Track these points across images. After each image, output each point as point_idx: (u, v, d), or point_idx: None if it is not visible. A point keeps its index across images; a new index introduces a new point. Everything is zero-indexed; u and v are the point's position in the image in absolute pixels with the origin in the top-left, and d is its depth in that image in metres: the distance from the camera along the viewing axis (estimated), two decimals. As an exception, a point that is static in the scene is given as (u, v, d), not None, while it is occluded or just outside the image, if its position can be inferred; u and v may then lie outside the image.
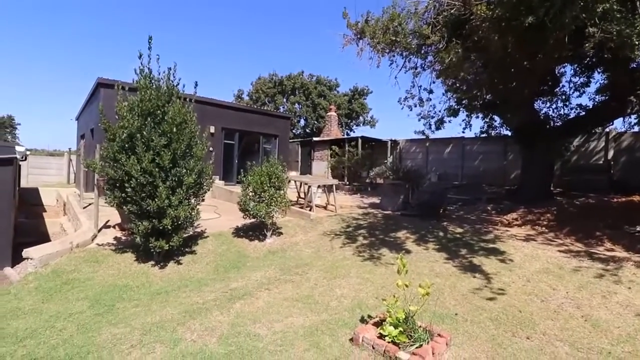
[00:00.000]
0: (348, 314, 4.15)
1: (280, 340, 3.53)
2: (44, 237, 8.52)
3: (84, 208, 9.54)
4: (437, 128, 12.13)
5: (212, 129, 14.34)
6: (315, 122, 33.22)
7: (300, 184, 10.78)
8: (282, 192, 7.41)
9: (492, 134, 13.92)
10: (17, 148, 6.71)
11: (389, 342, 3.31)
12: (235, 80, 72.28)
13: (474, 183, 15.21)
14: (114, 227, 7.82)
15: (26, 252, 5.76)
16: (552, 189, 11.76)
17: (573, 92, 11.94)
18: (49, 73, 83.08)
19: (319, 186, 10.01)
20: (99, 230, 7.39)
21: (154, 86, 5.88)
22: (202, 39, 73.27)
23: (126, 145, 5.57)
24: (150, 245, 5.66)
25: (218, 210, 10.33)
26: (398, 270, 3.51)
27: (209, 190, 6.69)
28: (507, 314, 4.16)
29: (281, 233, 7.88)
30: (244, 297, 4.60)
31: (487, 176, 15.68)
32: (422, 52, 10.20)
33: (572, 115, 12.20)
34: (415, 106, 11.77)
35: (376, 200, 12.41)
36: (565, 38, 6.31)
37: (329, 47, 60.90)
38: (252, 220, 7.63)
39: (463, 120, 12.81)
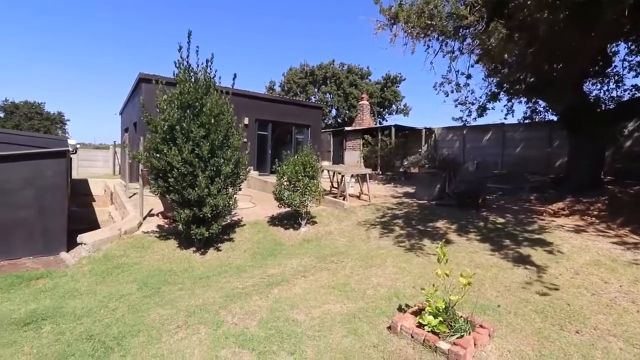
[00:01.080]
0: (385, 303, 4.12)
1: (318, 325, 3.58)
2: (94, 225, 9.14)
3: (129, 197, 10.10)
4: (480, 115, 11.62)
5: (246, 121, 14.61)
6: (347, 111, 32.93)
7: (334, 173, 10.77)
8: (316, 181, 7.45)
9: (536, 119, 13.14)
10: (69, 141, 7.17)
11: (428, 332, 3.26)
12: (266, 72, 73.00)
13: (515, 172, 14.49)
14: (157, 215, 8.22)
15: (80, 237, 6.21)
16: (602, 177, 10.97)
17: (628, 72, 10.99)
18: (93, 70, 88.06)
19: (352, 175, 9.95)
20: (144, 218, 7.80)
21: (193, 79, 6.06)
22: (233, 31, 74.36)
23: (167, 137, 5.80)
24: (192, 232, 5.91)
25: (253, 199, 10.57)
26: (438, 259, 3.43)
27: (245, 179, 6.85)
28: (554, 307, 3.96)
29: (315, 222, 7.95)
30: (281, 284, 4.70)
31: (530, 164, 14.86)
32: (460, 34, 9.77)
33: (626, 97, 11.25)
34: (452, 92, 11.34)
35: (410, 189, 12.17)
36: (625, 12, 5.78)
37: (361, 34, 59.78)
38: (287, 209, 7.74)
39: (505, 106, 12.20)
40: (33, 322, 3.66)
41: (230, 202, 6.29)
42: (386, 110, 35.34)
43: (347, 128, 21.59)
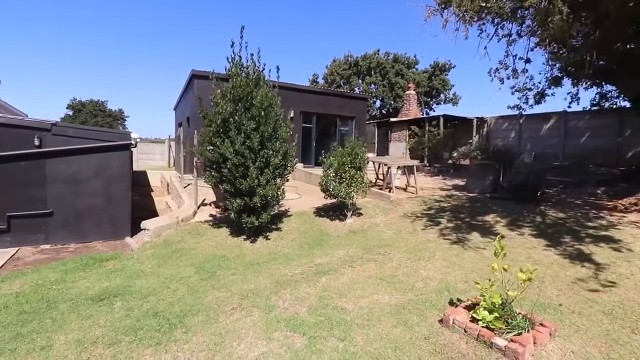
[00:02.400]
0: (435, 296, 4.04)
1: (366, 315, 3.60)
2: (153, 213, 9.84)
3: (184, 188, 10.73)
4: (537, 102, 10.82)
5: (291, 113, 14.84)
6: (392, 102, 32.22)
7: (379, 165, 10.63)
8: (362, 172, 7.41)
9: (605, 105, 11.95)
10: (132, 135, 7.74)
11: (482, 327, 3.15)
12: (309, 66, 73.37)
13: (579, 163, 13.33)
14: (209, 204, 8.67)
15: (144, 224, 6.73)
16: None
17: None
18: (149, 69, 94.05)
19: (398, 167, 9.76)
20: (198, 207, 8.27)
21: (243, 73, 6.26)
22: (275, 26, 75.38)
23: (221, 130, 6.07)
24: (243, 221, 6.17)
25: (298, 191, 10.77)
26: (495, 253, 3.28)
27: (292, 171, 6.99)
28: (625, 309, 3.64)
29: (361, 214, 7.93)
30: (328, 273, 4.77)
31: (596, 155, 13.57)
32: (518, 16, 9.12)
33: None
34: (509, 78, 10.64)
35: (460, 182, 11.68)
36: None
37: (408, 22, 57.78)
38: (333, 200, 7.79)
39: (568, 94, 11.21)
40: (106, 299, 4.05)
41: (279, 193, 6.45)
42: (434, 99, 34.08)
43: (392, 119, 21.13)
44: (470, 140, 16.88)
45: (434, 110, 34.28)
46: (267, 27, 74.18)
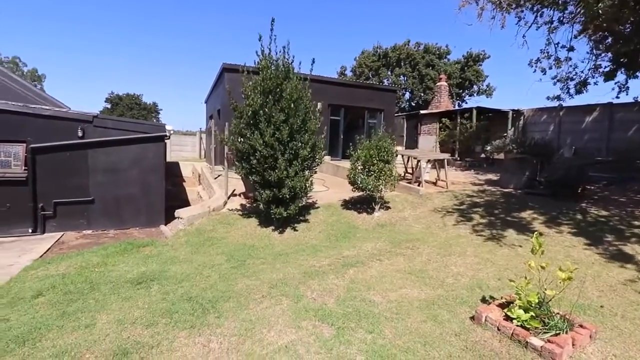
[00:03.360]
0: (466, 292, 3.94)
1: (395, 308, 3.57)
2: (185, 203, 10.18)
3: (215, 178, 11.01)
4: (578, 92, 10.19)
5: (319, 106, 14.80)
6: (422, 94, 31.41)
7: (408, 158, 10.44)
8: (390, 165, 7.30)
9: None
10: (167, 127, 8.01)
11: (517, 326, 3.05)
12: (337, 58, 72.62)
13: (626, 159, 12.47)
14: (239, 195, 8.86)
15: (178, 212, 6.98)
16: None
17: None
18: (180, 64, 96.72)
19: (428, 161, 9.54)
20: (228, 198, 8.47)
21: (273, 66, 6.30)
22: (302, 18, 75.11)
23: (251, 122, 6.15)
24: (271, 211, 6.26)
25: (326, 183, 10.78)
26: (532, 250, 3.15)
27: (320, 163, 6.99)
28: (676, 315, 3.40)
29: (389, 207, 7.83)
30: (356, 265, 4.77)
31: (645, 150, 12.63)
32: (560, 2, 8.59)
33: None
34: (551, 68, 10.07)
35: (494, 177, 11.28)
36: None
37: (440, 11, 55.74)
38: (360, 193, 7.74)
39: (615, 83, 10.46)
40: (144, 282, 4.25)
41: (307, 185, 6.49)
42: (466, 91, 32.92)
43: (422, 111, 20.62)
44: (505, 134, 16.20)
45: (466, 103, 33.15)
46: (296, 25, 74.11)
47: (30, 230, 6.62)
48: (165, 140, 8.23)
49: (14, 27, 67.66)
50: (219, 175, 11.32)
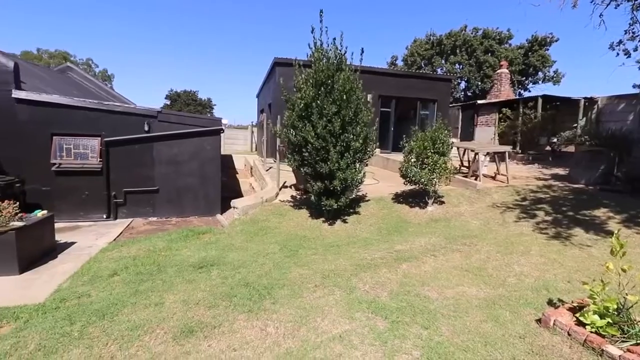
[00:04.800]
0: (531, 294, 3.68)
1: (452, 306, 3.43)
2: (238, 193, 10.61)
3: (266, 170, 11.34)
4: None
5: (369, 97, 14.57)
6: (480, 83, 29.61)
7: (464, 151, 9.93)
8: (446, 158, 7.00)
9: None
10: (223, 121, 8.37)
11: (591, 332, 2.79)
12: (387, 47, 70.90)
13: None
14: (290, 187, 9.04)
15: (233, 202, 7.30)
16: None
17: None
18: (234, 60, 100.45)
19: (487, 153, 9.00)
20: (280, 189, 8.68)
21: (324, 58, 6.29)
22: (353, 8, 73.97)
23: (303, 114, 6.22)
24: (322, 203, 6.31)
25: (375, 176, 10.63)
26: (612, 251, 2.85)
27: (372, 155, 6.89)
28: None
29: (443, 202, 7.53)
30: (409, 260, 4.65)
31: None
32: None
33: None
34: (636, 50, 8.94)
35: (561, 171, 10.37)
36: None
37: (500, -7, 51.76)
38: (412, 186, 7.52)
39: None
40: (204, 267, 4.51)
41: (358, 177, 6.44)
42: (530, 79, 30.48)
43: (479, 101, 19.44)
44: (575, 124, 14.76)
45: (530, 91, 30.74)
46: (345, 16, 73.26)
47: (104, 216, 7.32)
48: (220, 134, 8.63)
49: (87, 31, 74.80)
50: (270, 168, 11.65)
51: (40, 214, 5.16)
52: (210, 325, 3.09)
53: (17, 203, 4.78)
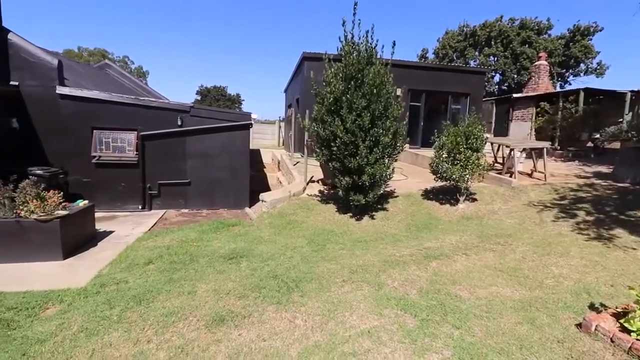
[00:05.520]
0: (570, 297, 3.50)
1: (485, 306, 3.32)
2: (265, 187, 10.74)
3: (294, 165, 11.41)
4: None
5: (398, 91, 14.29)
6: (516, 75, 28.34)
7: (499, 146, 9.56)
8: (479, 154, 6.76)
9: None
10: (252, 116, 8.48)
11: (636, 339, 2.62)
12: (418, 40, 69.17)
13: None
14: (317, 181, 9.05)
15: (262, 196, 7.40)
16: None
17: None
18: (260, 54, 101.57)
19: (523, 149, 8.61)
20: (307, 184, 8.71)
21: (355, 51, 6.21)
22: (385, 4, 72.57)
23: (332, 108, 6.18)
24: (350, 198, 6.27)
25: (404, 172, 10.45)
26: (665, 255, 2.64)
27: (402, 150, 6.77)
28: None
29: (475, 199, 7.29)
30: (439, 258, 4.55)
31: None
32: None
33: None
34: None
35: (604, 169, 9.77)
36: None
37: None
38: (443, 183, 7.33)
39: None
40: (234, 258, 4.61)
41: (387, 172, 6.34)
42: (570, 71, 28.86)
43: (515, 95, 18.60)
44: (621, 119, 13.83)
45: (570, 84, 29.13)
46: (374, 9, 72.09)
47: (139, 207, 7.64)
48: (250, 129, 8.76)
49: (124, 30, 77.92)
50: (297, 162, 11.71)
51: (82, 203, 5.45)
52: (240, 315, 3.16)
53: (61, 193, 5.07)
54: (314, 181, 9.11)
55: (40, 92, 7.04)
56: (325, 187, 8.36)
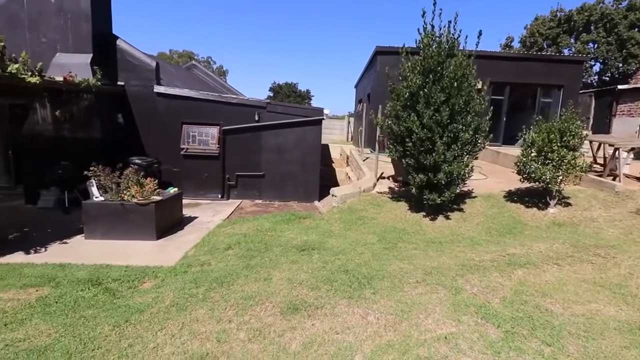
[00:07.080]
0: (697, 325, 2.93)
1: (582, 325, 2.94)
2: (334, 182, 10.84)
3: (363, 161, 11.32)
4: None
5: (479, 84, 13.30)
6: (621, 64, 24.59)
7: (599, 145, 8.38)
8: (577, 153, 6.00)
9: None
10: (324, 111, 8.58)
11: None
12: (501, 28, 63.61)
13: None
14: (387, 178, 8.86)
15: (332, 190, 7.47)
16: None
17: None
18: (329, 51, 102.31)
19: (631, 149, 7.43)
20: (377, 180, 8.57)
21: (435, 43, 5.90)
22: (467, -12, 67.91)
23: (408, 104, 5.97)
24: (424, 197, 6.01)
25: (483, 171, 9.73)
26: None
27: (483, 147, 6.30)
28: None
29: (569, 204, 6.49)
30: (525, 266, 4.14)
31: None
32: None
33: None
34: None
35: None
36: None
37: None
38: (529, 184, 6.65)
39: None
40: (306, 250, 4.73)
41: (465, 171, 5.95)
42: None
43: (620, 86, 16.13)
44: None
45: (695, 72, 24.32)
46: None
47: (219, 196, 8.23)
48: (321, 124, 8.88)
49: (207, 33, 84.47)
50: (367, 158, 11.59)
51: (172, 190, 6.04)
52: (313, 305, 3.22)
53: (156, 180, 5.67)
54: (384, 178, 8.94)
55: (141, 91, 7.95)
56: (397, 184, 8.15)
